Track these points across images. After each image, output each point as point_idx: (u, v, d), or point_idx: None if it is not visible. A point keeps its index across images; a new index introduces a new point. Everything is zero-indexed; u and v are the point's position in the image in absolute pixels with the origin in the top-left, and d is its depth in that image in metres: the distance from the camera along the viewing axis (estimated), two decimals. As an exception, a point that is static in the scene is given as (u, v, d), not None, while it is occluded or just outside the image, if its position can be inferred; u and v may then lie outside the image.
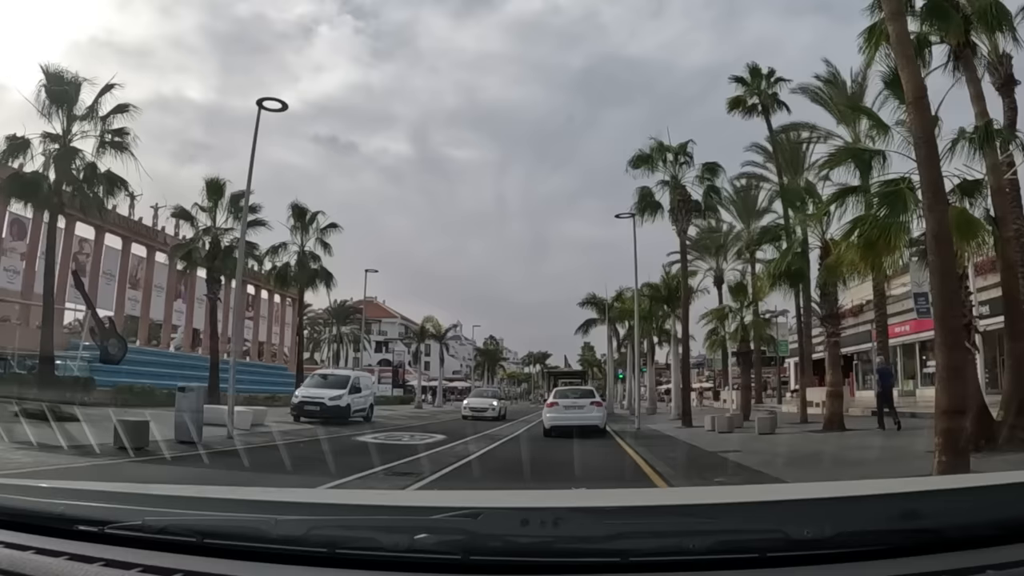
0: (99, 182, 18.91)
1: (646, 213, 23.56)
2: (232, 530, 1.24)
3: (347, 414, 22.00)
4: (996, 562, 1.04)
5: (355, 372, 26.92)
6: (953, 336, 7.71)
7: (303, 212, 28.81)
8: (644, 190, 23.67)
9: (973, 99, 12.45)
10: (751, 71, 25.81)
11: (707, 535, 1.12)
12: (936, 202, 8.08)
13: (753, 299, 23.02)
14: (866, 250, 10.36)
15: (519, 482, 8.48)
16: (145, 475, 8.45)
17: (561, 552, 1.14)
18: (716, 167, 23.47)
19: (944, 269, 7.80)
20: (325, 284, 29.62)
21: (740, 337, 23.36)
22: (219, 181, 24.41)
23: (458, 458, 11.88)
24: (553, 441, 15.71)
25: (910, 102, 8.63)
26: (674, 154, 23.67)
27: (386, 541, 1.14)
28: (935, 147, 8.45)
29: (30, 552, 1.25)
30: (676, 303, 29.28)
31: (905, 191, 10.20)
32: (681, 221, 22.85)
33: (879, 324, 24.78)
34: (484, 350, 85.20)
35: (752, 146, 29.90)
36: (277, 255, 28.69)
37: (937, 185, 8.15)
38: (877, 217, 10.24)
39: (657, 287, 30.12)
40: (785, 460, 10.89)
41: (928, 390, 26.97)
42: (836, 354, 18.38)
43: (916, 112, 8.52)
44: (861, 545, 1.09)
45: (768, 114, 25.53)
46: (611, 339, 43.14)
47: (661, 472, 9.94)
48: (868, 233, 10.11)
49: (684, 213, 22.89)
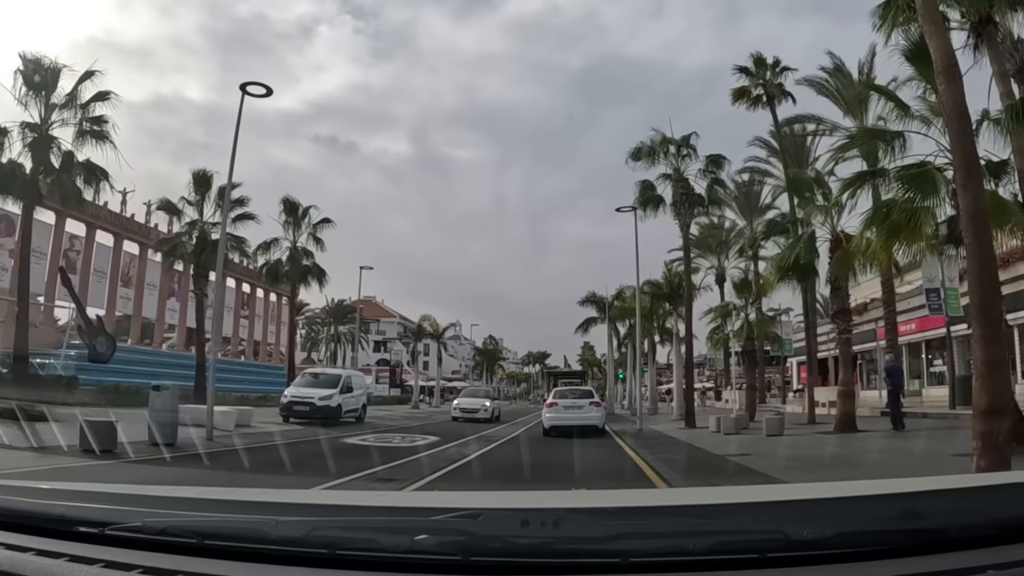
0: (77, 171, 18.08)
1: (648, 207, 22.75)
2: (232, 531, 1.24)
3: (338, 414, 21.19)
4: (997, 562, 1.03)
5: (347, 371, 26.04)
6: (993, 329, 6.92)
7: (295, 207, 27.97)
8: (645, 183, 22.87)
9: (997, 79, 11.67)
10: (756, 61, 25.08)
11: (707, 535, 1.12)
12: (971, 180, 7.30)
13: (757, 296, 22.21)
14: (890, 237, 9.58)
15: (519, 484, 8.13)
16: (98, 478, 7.70)
17: (561, 553, 1.14)
18: (721, 159, 22.65)
19: (983, 253, 7.01)
20: (318, 281, 28.81)
21: (745, 335, 22.51)
22: (206, 173, 23.66)
23: (449, 462, 11.12)
24: (552, 444, 14.99)
25: (940, 71, 7.86)
26: (677, 146, 22.89)
27: (386, 542, 1.15)
28: (968, 120, 7.68)
29: (30, 554, 1.25)
30: (678, 301, 28.52)
31: (934, 172, 9.41)
32: (684, 215, 22.00)
33: (888, 321, 24.04)
34: (483, 350, 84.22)
35: (755, 140, 29.20)
36: (269, 251, 27.93)
37: (972, 161, 7.39)
38: (906, 201, 9.41)
39: (659, 284, 29.20)
40: (801, 464, 10.09)
41: (935, 389, 26.39)
42: (848, 352, 17.58)
43: (947, 82, 7.74)
44: (861, 545, 1.09)
45: (773, 105, 24.83)
46: (611, 338, 42.40)
47: (666, 478, 9.19)
48: (895, 218, 9.29)
49: (687, 207, 22.07)
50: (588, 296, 41.49)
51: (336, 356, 65.45)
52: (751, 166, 29.09)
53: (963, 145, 7.34)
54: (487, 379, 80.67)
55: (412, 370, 65.25)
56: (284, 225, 28.13)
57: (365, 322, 78.98)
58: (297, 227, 28.03)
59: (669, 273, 29.24)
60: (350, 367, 63.32)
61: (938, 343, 24.92)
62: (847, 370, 17.48)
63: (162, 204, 25.12)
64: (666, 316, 34.21)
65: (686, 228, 22.18)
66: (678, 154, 22.83)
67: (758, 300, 22.44)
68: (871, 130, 11.04)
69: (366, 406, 24.83)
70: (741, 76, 24.80)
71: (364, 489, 7.54)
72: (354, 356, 67.10)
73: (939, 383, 25.32)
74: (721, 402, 39.07)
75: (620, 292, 40.16)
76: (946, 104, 7.80)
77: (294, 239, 28.05)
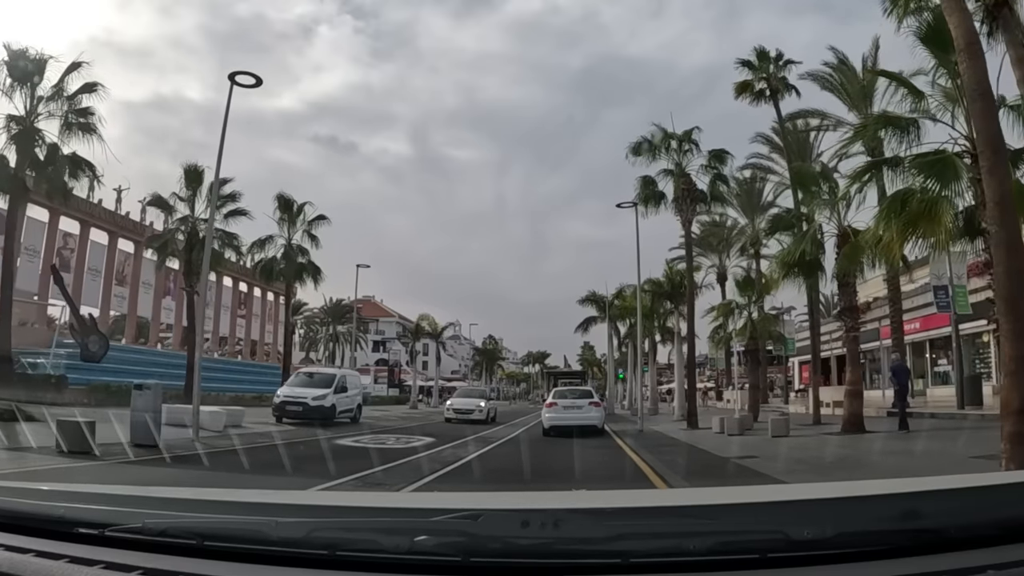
0: (63, 164, 17.59)
1: (649, 204, 22.27)
2: (232, 532, 1.23)
3: (332, 415, 20.69)
4: (997, 562, 1.03)
5: (342, 370, 25.53)
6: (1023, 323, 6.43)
7: (289, 203, 27.44)
8: (646, 179, 22.38)
9: (1014, 63, 11.13)
10: (758, 54, 24.59)
11: (707, 536, 1.12)
12: (997, 163, 6.84)
13: (760, 294, 21.71)
14: (906, 228, 9.08)
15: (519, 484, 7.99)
16: (58, 479, 7.23)
17: (561, 553, 1.13)
18: (724, 154, 22.16)
19: (1011, 241, 6.54)
20: (313, 278, 28.23)
21: (748, 334, 22.00)
22: (198, 168, 23.15)
23: (444, 464, 10.65)
24: (552, 445, 14.56)
25: (961, 49, 7.40)
26: (679, 141, 22.42)
27: (386, 543, 1.14)
28: (992, 99, 7.22)
29: (30, 555, 1.24)
30: (679, 299, 28.04)
31: (953, 158, 8.92)
32: (686, 211, 21.48)
33: (894, 319, 23.57)
34: (482, 349, 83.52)
35: (757, 136, 28.77)
36: (264, 249, 27.35)
37: (998, 142, 6.92)
38: (924, 189, 8.91)
39: (659, 283, 28.62)
40: (811, 467, 9.59)
41: (939, 389, 25.93)
42: (855, 350, 17.07)
43: (969, 60, 7.28)
44: (861, 545, 1.08)
45: (776, 99, 24.37)
46: (611, 338, 41.91)
47: (669, 480, 8.74)
48: (913, 208, 8.79)
49: (689, 203, 21.59)
50: (588, 295, 41.03)
51: (334, 356, 64.99)
52: (753, 163, 28.70)
53: (988, 126, 6.87)
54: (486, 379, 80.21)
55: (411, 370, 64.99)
56: (279, 222, 27.60)
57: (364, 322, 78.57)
58: (292, 224, 27.48)
59: (670, 271, 28.70)
60: (348, 367, 62.63)
61: (943, 342, 24.50)
62: (855, 369, 16.99)
63: (153, 199, 24.59)
64: (667, 315, 33.71)
65: (688, 225, 21.70)
66: (680, 149, 22.36)
67: (761, 298, 21.95)
68: (886, 116, 10.52)
69: (361, 406, 24.33)
70: (744, 70, 24.33)
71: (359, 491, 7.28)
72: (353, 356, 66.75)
73: (944, 383, 24.91)
74: (722, 402, 38.58)
75: (620, 291, 39.73)
76: (968, 84, 7.33)
77: (289, 236, 27.52)
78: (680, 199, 21.65)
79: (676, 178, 21.86)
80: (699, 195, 21.99)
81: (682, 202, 21.55)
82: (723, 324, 24.72)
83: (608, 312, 38.73)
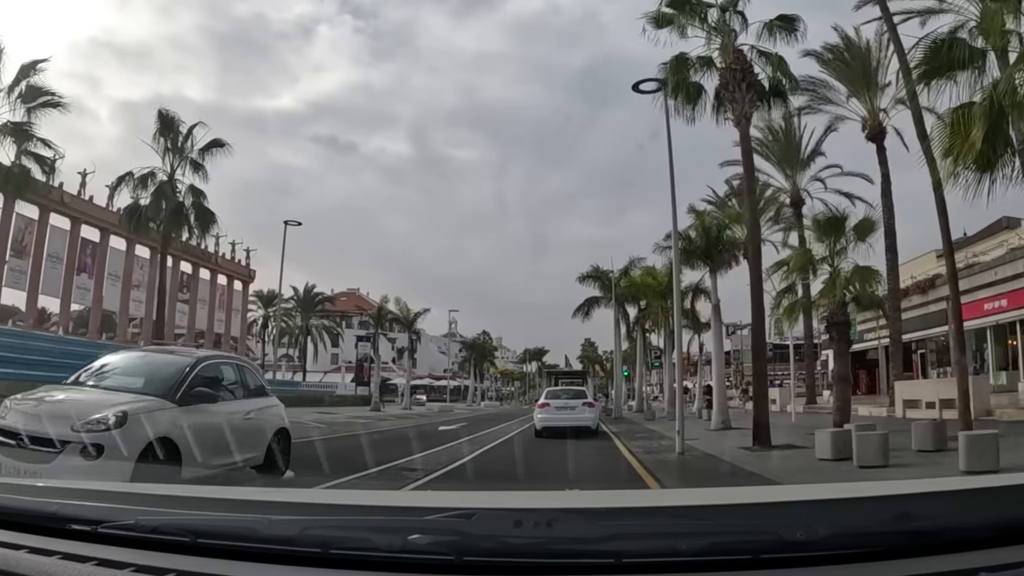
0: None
1: (680, 95, 14.62)
2: (226, 530, 1.22)
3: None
4: (991, 564, 1.03)
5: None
6: None
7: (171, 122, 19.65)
8: (679, 58, 14.70)
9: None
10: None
11: (700, 536, 1.11)
12: None
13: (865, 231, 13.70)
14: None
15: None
16: None
17: (555, 553, 1.12)
18: (795, 19, 14.50)
19: None
20: (199, 227, 20.49)
21: (837, 297, 13.97)
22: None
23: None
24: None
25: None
26: (721, 9, 14.81)
27: (379, 541, 1.13)
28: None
29: (23, 551, 1.23)
30: (718, 260, 20.19)
31: None
32: (741, 102, 13.77)
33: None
34: (472, 343, 75.24)
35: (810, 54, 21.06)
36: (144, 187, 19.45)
37: None
38: None
39: (689, 238, 20.51)
40: None
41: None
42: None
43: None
44: (855, 547, 1.07)
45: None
46: (618, 323, 34.35)
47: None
48: None
49: (742, 91, 13.91)
50: (590, 271, 33.58)
51: (306, 352, 58.18)
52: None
53: None
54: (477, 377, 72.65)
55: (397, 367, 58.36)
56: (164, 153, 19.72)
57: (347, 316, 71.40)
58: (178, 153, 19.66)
59: (703, 221, 20.61)
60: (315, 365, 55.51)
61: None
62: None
63: None
64: (696, 293, 25.94)
65: (745, 122, 13.89)
66: (724, 20, 14.73)
67: (866, 238, 13.86)
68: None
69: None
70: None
71: None
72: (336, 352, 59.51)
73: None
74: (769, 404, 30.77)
75: (628, 268, 32.40)
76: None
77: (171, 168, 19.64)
78: (729, 86, 13.92)
79: (723, 53, 14.16)
80: (756, 84, 14.29)
81: (734, 89, 13.81)
82: (790, 287, 16.85)
83: (614, 292, 31.19)
